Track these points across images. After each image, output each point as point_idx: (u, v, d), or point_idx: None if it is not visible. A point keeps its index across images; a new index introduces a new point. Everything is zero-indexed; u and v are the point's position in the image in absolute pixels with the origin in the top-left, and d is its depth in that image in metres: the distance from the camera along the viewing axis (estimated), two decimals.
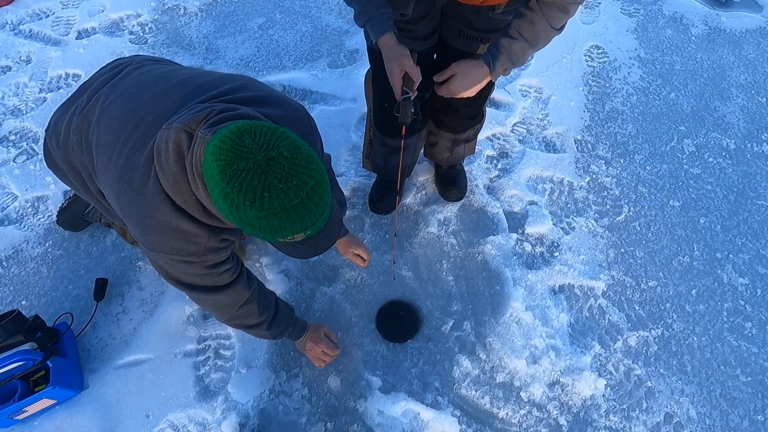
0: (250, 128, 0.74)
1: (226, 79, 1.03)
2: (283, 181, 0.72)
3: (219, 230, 0.96)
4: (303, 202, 0.75)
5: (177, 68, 1.13)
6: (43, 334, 1.40)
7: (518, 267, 1.75)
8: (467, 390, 1.51)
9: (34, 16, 2.53)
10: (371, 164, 1.78)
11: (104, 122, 1.01)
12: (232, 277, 1.08)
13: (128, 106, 0.99)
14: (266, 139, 0.73)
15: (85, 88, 1.14)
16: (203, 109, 0.88)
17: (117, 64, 1.17)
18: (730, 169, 2.06)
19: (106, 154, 0.97)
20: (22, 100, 2.18)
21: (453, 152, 1.72)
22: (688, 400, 1.52)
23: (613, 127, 2.18)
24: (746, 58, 2.46)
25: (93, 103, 1.06)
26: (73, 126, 1.08)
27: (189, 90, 0.98)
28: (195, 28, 2.51)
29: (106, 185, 0.99)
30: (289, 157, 0.73)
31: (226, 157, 0.72)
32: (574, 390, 1.52)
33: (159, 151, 0.87)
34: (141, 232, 0.94)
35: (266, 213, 0.73)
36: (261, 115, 0.92)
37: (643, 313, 1.68)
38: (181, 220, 0.90)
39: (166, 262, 0.98)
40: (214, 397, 1.47)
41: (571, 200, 1.94)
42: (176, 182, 0.87)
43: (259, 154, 0.71)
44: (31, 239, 1.78)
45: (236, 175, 0.71)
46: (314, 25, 2.55)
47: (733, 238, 1.86)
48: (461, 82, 1.20)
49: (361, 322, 1.62)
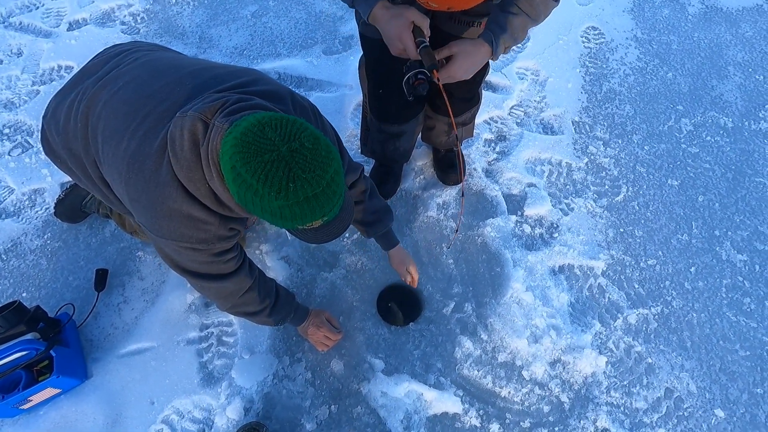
0: (270, 120, 0.76)
1: (239, 72, 1.04)
2: (307, 171, 0.74)
3: (228, 219, 0.97)
4: (324, 191, 0.77)
5: (187, 58, 1.12)
6: (45, 325, 1.40)
7: (518, 248, 1.75)
8: (469, 370, 1.52)
9: (23, 8, 2.50)
10: (369, 150, 1.77)
11: (112, 108, 1.00)
12: (236, 266, 1.09)
13: (139, 93, 0.99)
14: (288, 131, 0.75)
15: (85, 74, 1.12)
16: (218, 98, 0.89)
17: (119, 50, 1.16)
18: (728, 148, 2.06)
19: (115, 139, 0.96)
20: (15, 93, 2.16)
21: (450, 136, 1.72)
22: (688, 375, 1.54)
23: (610, 108, 2.17)
24: (743, 36, 2.45)
25: (99, 89, 1.04)
26: (76, 112, 1.06)
27: (202, 80, 0.98)
28: (187, 17, 2.48)
29: (114, 171, 0.98)
30: (310, 148, 0.75)
31: (250, 150, 0.74)
32: (575, 368, 1.53)
33: (173, 139, 0.87)
34: (150, 219, 0.94)
35: (290, 203, 0.76)
36: (275, 108, 0.93)
37: (643, 291, 1.69)
38: (193, 207, 0.91)
39: (174, 249, 0.98)
40: (218, 382, 1.48)
41: (569, 181, 1.94)
42: (190, 170, 0.87)
43: (282, 146, 0.73)
44: (29, 232, 1.77)
45: (261, 167, 0.73)
46: (308, 12, 2.52)
47: (731, 216, 1.86)
48: (462, 63, 1.09)
49: (363, 306, 1.63)
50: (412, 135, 1.67)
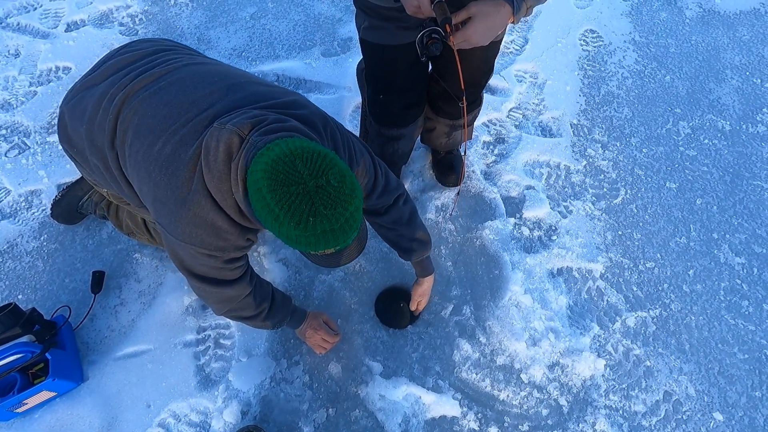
0: (302, 152, 0.78)
1: (281, 92, 1.06)
2: (329, 208, 0.77)
3: (247, 230, 0.99)
4: (341, 226, 0.80)
5: (232, 68, 1.14)
6: (41, 327, 1.39)
7: (516, 251, 1.75)
8: (468, 373, 1.52)
9: (21, 9, 2.49)
10: None
11: (150, 106, 1.00)
12: (240, 273, 1.11)
13: (181, 97, 0.99)
14: (317, 166, 0.78)
15: (119, 66, 1.11)
16: (257, 115, 0.91)
17: (158, 48, 1.16)
18: (726, 151, 2.06)
19: (149, 138, 0.97)
20: (12, 94, 2.15)
21: (450, 137, 1.72)
22: (686, 378, 1.54)
23: (608, 110, 2.17)
24: (740, 39, 2.46)
25: (138, 83, 1.04)
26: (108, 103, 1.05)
27: (245, 95, 1.00)
28: (186, 19, 2.48)
29: (141, 169, 0.98)
30: (336, 186, 0.78)
31: (278, 178, 0.76)
32: (574, 371, 1.53)
33: (208, 149, 0.89)
34: (174, 222, 0.95)
35: (307, 234, 0.79)
36: (309, 131, 0.95)
37: (641, 294, 1.69)
38: (218, 216, 0.93)
39: (189, 253, 1.00)
40: (215, 385, 1.47)
41: (568, 184, 1.94)
42: (221, 181, 0.89)
43: (309, 181, 0.76)
44: (25, 233, 1.76)
45: (285, 197, 0.76)
46: (307, 14, 2.52)
47: (729, 219, 1.87)
48: (480, 25, 0.99)
49: (361, 309, 1.62)
50: (411, 138, 1.67)
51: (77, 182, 1.68)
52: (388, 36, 1.25)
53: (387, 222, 1.30)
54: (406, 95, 1.45)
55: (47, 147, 1.98)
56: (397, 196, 1.26)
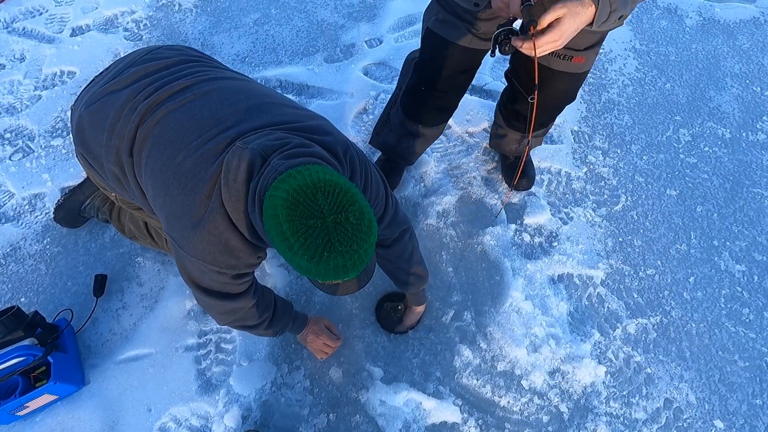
0: (324, 186, 0.78)
1: (306, 116, 1.06)
2: (345, 245, 0.77)
3: (258, 248, 1.00)
4: (354, 262, 0.80)
5: (258, 87, 1.13)
6: (43, 330, 1.40)
7: (517, 257, 1.76)
8: (468, 379, 1.52)
9: (27, 14, 2.51)
10: (380, 141, 1.77)
11: (175, 118, 1.00)
12: (246, 287, 1.11)
13: (206, 113, 0.99)
14: (337, 201, 0.77)
15: (144, 74, 1.09)
16: (280, 137, 0.92)
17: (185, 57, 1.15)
18: (726, 158, 2.07)
19: (169, 150, 0.96)
20: (17, 98, 2.17)
21: (521, 145, 1.73)
22: (687, 385, 1.54)
23: (609, 117, 2.19)
24: (740, 48, 2.48)
25: (164, 93, 1.03)
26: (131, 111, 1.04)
27: (270, 116, 1.00)
28: (190, 24, 2.50)
29: (157, 180, 0.98)
30: (354, 223, 0.78)
31: (298, 209, 0.76)
32: (574, 377, 1.53)
33: (229, 168, 0.89)
34: (186, 238, 0.95)
35: (320, 266, 0.79)
36: (331, 158, 0.95)
37: (642, 301, 1.69)
38: (233, 235, 0.93)
39: (198, 268, 0.99)
40: (216, 390, 1.48)
41: (569, 190, 1.95)
42: (238, 200, 0.89)
43: (329, 216, 0.76)
44: (28, 236, 1.77)
45: (303, 229, 0.76)
46: (309, 20, 2.54)
47: (729, 226, 1.87)
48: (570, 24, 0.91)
49: (362, 314, 1.63)
50: (428, 141, 1.69)
51: (80, 186, 1.69)
52: (455, 33, 1.28)
53: (390, 255, 1.31)
54: (443, 96, 1.49)
55: (51, 150, 1.99)
56: (403, 230, 1.26)
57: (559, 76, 1.33)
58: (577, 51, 1.26)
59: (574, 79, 1.37)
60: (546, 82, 1.35)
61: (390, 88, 2.24)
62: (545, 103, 1.44)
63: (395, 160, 1.83)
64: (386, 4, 2.61)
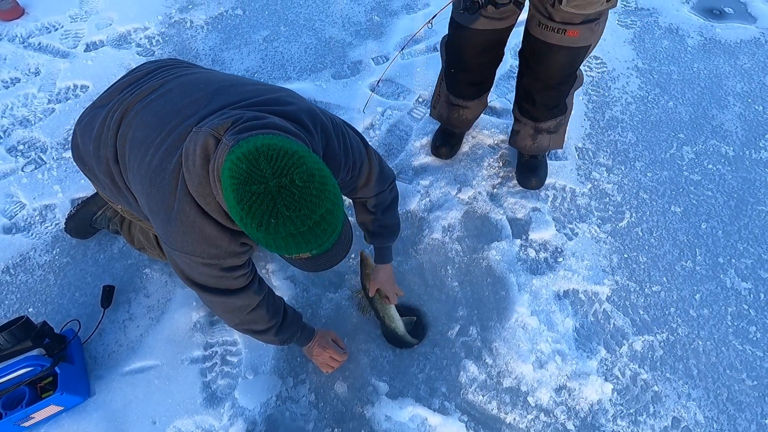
0: (267, 150, 0.75)
1: (266, 90, 1.04)
2: (291, 210, 0.74)
3: (240, 234, 0.98)
4: (310, 229, 0.77)
5: (222, 74, 1.13)
6: (51, 341, 1.40)
7: (523, 272, 1.76)
8: (474, 395, 1.51)
9: (43, 30, 2.58)
10: (437, 114, 1.95)
11: (142, 118, 1.02)
12: (245, 282, 1.10)
13: (167, 107, 1.01)
14: (281, 165, 0.74)
15: (123, 86, 1.15)
16: (233, 115, 0.91)
17: (158, 65, 1.19)
18: (730, 176, 2.08)
19: (141, 151, 0.99)
20: (31, 111, 2.21)
21: (536, 141, 1.79)
22: (695, 404, 1.52)
23: (613, 135, 2.21)
24: (742, 67, 2.51)
25: (134, 98, 1.07)
26: (110, 120, 1.09)
27: (227, 97, 1.00)
28: (201, 41, 2.56)
29: (137, 182, 1.00)
30: (300, 186, 0.74)
31: (241, 177, 0.74)
32: (581, 394, 1.52)
33: (187, 154, 0.89)
34: (166, 232, 0.96)
35: (271, 236, 0.76)
36: (291, 127, 0.93)
37: (648, 318, 1.68)
38: (205, 223, 0.93)
39: (185, 262, 1.00)
40: (221, 403, 1.47)
41: (573, 206, 1.96)
42: (201, 185, 0.89)
43: (271, 180, 0.73)
44: (38, 247, 1.79)
45: (246, 197, 0.74)
46: (318, 38, 2.60)
47: (734, 243, 1.88)
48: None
49: (368, 328, 1.63)
50: (476, 109, 1.87)
51: (92, 197, 1.72)
52: (469, 18, 1.45)
53: (370, 205, 1.32)
54: (471, 73, 1.69)
55: (63, 163, 2.02)
56: (390, 181, 1.30)
57: (556, 49, 1.42)
58: (571, 24, 1.34)
59: (572, 53, 1.44)
60: (544, 56, 1.47)
61: (396, 104, 2.28)
62: (546, 77, 1.56)
63: (451, 129, 2.01)
64: (393, 23, 2.67)
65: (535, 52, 1.49)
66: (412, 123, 2.20)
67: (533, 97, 1.65)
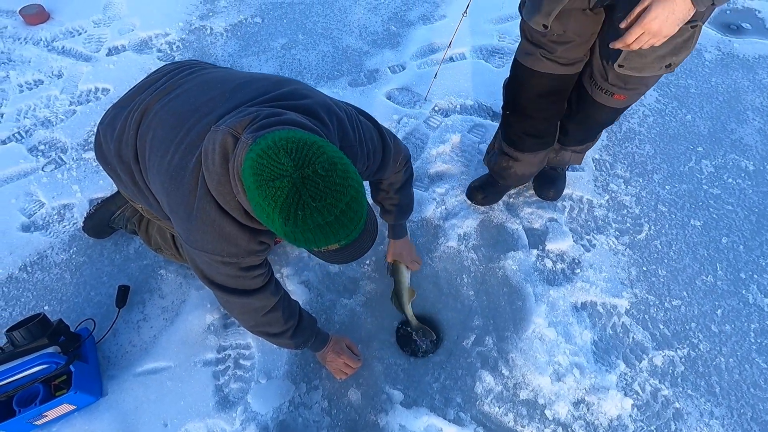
0: (286, 143, 0.75)
1: (281, 83, 1.05)
2: (317, 200, 0.73)
3: (258, 232, 0.98)
4: (337, 218, 0.76)
5: (240, 72, 1.14)
6: (66, 339, 1.40)
7: (540, 283, 1.73)
8: (490, 406, 1.48)
9: (67, 34, 2.63)
10: (486, 159, 1.87)
11: (161, 118, 1.04)
12: (262, 282, 1.10)
13: (186, 106, 1.02)
14: (301, 156, 0.74)
15: (144, 87, 1.17)
16: (250, 113, 0.91)
17: (178, 66, 1.21)
18: (750, 190, 2.05)
19: (161, 150, 1.00)
20: (53, 112, 2.25)
21: (558, 155, 1.77)
22: (718, 423, 1.48)
23: (630, 147, 2.19)
24: (761, 82, 2.50)
25: (153, 99, 1.09)
26: (131, 120, 1.10)
27: (244, 94, 1.00)
28: (220, 47, 2.60)
29: (157, 181, 1.01)
30: (323, 175, 0.74)
31: (264, 173, 0.74)
32: (600, 409, 1.48)
33: (206, 153, 0.90)
34: (186, 231, 0.96)
35: (300, 229, 0.76)
36: (308, 122, 0.93)
37: (668, 332, 1.65)
38: (225, 221, 0.93)
39: (205, 261, 1.00)
40: (234, 407, 1.45)
41: (591, 218, 1.94)
42: (220, 184, 0.89)
43: (294, 173, 0.73)
44: (55, 245, 1.80)
45: (271, 192, 0.74)
46: (335, 46, 2.62)
47: (756, 259, 1.84)
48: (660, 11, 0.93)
49: (382, 335, 1.61)
50: (528, 165, 1.68)
51: (111, 197, 1.73)
52: (532, 60, 1.35)
53: (385, 185, 1.33)
54: (526, 121, 1.54)
55: (82, 163, 2.04)
56: (406, 161, 1.31)
57: (598, 106, 1.39)
58: (621, 88, 1.29)
59: (612, 112, 1.42)
60: (588, 108, 1.43)
61: (412, 112, 2.28)
62: (584, 122, 1.52)
63: (494, 178, 1.85)
64: (409, 33, 2.69)
65: (579, 100, 1.44)
66: (428, 131, 2.20)
67: (567, 128, 1.60)
